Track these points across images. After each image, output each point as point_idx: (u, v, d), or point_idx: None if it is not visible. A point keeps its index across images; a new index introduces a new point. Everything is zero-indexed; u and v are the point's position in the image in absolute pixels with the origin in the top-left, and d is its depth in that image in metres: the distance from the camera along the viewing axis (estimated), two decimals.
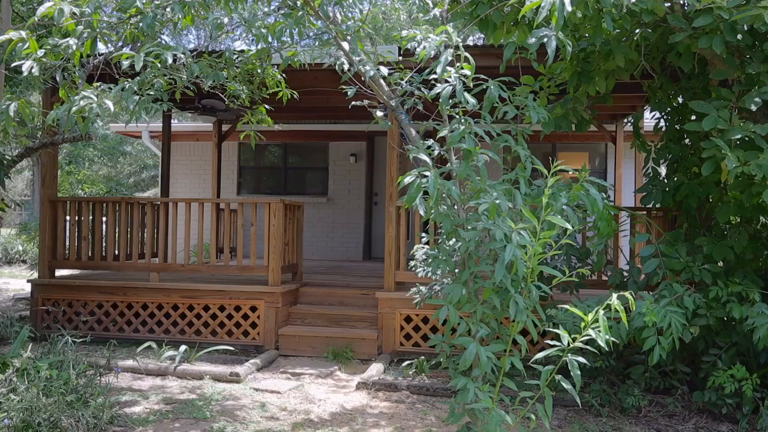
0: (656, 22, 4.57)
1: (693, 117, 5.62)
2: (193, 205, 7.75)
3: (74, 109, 3.25)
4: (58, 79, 3.85)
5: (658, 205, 5.80)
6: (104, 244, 7.80)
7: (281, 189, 13.06)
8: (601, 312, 2.98)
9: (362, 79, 3.78)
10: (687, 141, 5.67)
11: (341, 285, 8.09)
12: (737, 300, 4.65)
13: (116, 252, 7.75)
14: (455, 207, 3.44)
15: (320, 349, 7.10)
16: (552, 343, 3.29)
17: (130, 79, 3.75)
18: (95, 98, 3.30)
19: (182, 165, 13.50)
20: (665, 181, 5.60)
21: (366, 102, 3.97)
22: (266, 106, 5.58)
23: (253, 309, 7.31)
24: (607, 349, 2.97)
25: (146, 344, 6.73)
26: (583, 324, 3.05)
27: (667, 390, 5.57)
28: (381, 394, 5.91)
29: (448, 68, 3.24)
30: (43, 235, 7.73)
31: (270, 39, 3.66)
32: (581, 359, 3.07)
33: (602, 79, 4.91)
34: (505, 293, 3.31)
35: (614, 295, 3.06)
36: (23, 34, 3.28)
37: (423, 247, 6.41)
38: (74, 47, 3.34)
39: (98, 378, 5.20)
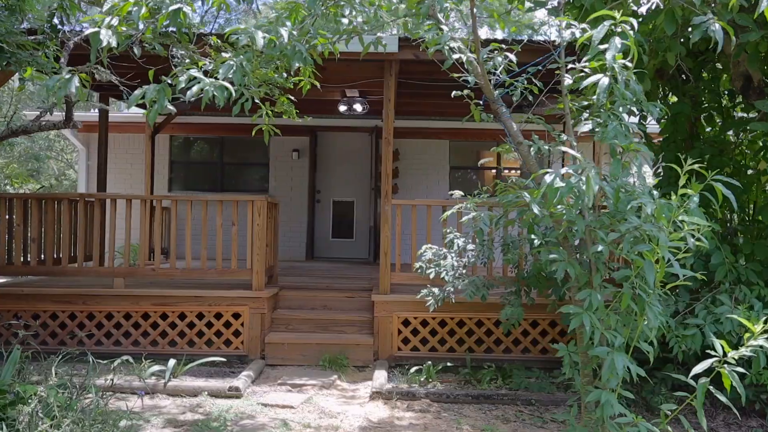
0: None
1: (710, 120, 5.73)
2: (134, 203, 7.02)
3: (194, 89, 2.66)
4: (136, 51, 3.21)
5: None
6: (61, 246, 6.89)
7: (217, 186, 12.31)
8: None
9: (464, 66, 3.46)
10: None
11: (321, 288, 7.64)
12: None
13: (72, 254, 6.89)
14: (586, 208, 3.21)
15: (311, 357, 6.65)
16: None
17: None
18: (206, 78, 2.74)
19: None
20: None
21: (466, 92, 3.65)
22: (289, 97, 5.08)
23: (236, 316, 6.73)
24: None
25: (123, 358, 5.98)
26: (747, 334, 2.92)
27: (686, 386, 5.64)
28: (400, 404, 5.59)
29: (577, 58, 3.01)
30: None
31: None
32: (740, 369, 2.94)
33: (647, 77, 4.86)
34: (638, 298, 3.12)
35: None
36: None
37: (432, 248, 6.14)
38: (191, 14, 2.76)
39: (100, 402, 4.52)
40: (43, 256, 6.92)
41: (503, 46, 3.56)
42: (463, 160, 12.58)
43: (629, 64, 3.04)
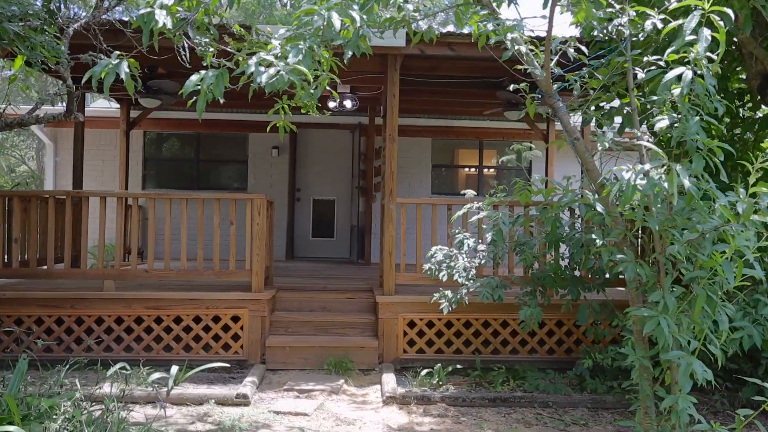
0: None
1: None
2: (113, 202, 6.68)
3: (265, 77, 2.41)
4: (191, 35, 2.94)
5: None
6: (47, 247, 6.48)
7: (194, 183, 11.92)
8: None
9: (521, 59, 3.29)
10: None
11: (318, 289, 7.41)
12: None
13: (59, 255, 6.49)
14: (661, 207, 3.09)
15: (313, 360, 6.42)
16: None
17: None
18: (281, 64, 2.49)
19: (71, 155, 11.80)
20: None
21: (522, 85, 3.49)
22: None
23: (235, 319, 6.45)
24: None
25: (120, 365, 5.65)
26: None
27: (700, 389, 5.64)
28: (415, 409, 5.42)
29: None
30: None
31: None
32: None
33: None
34: (709, 301, 3.03)
35: None
36: None
37: (443, 249, 5.99)
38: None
39: (123, 415, 4.22)
40: (23, 257, 6.50)
41: (563, 38, 3.43)
42: (445, 158, 12.50)
43: (714, 57, 2.94)
